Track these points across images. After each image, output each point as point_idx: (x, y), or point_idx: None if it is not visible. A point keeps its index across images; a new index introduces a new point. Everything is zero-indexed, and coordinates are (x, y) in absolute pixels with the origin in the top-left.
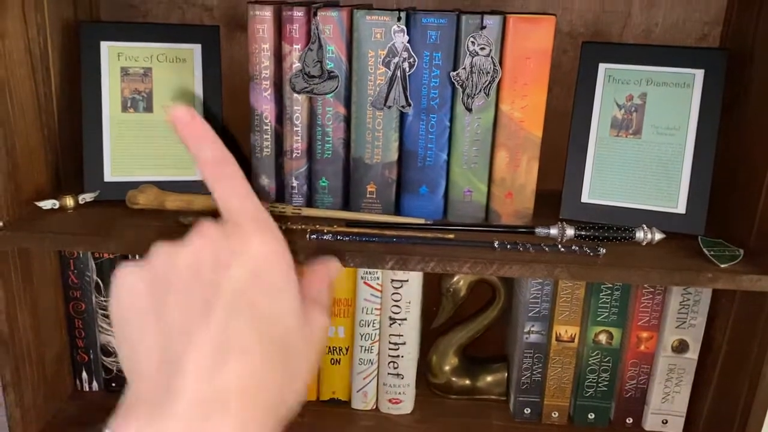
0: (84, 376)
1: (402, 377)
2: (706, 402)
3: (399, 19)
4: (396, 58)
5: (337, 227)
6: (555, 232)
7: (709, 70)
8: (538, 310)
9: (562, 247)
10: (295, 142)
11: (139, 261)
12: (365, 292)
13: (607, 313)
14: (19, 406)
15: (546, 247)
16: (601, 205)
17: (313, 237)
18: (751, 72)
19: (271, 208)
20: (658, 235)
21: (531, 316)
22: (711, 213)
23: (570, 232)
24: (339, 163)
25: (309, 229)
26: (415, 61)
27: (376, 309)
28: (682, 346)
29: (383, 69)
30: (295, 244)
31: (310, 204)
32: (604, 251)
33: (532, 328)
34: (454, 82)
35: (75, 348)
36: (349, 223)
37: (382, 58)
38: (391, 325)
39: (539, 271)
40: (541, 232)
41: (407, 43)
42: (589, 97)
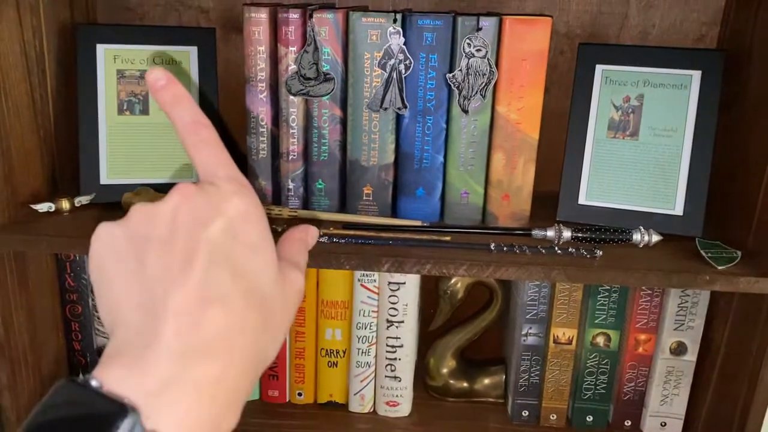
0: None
1: (399, 380)
2: (705, 404)
3: (395, 20)
4: (392, 60)
5: (333, 229)
6: (552, 234)
7: (706, 72)
8: (535, 312)
9: (558, 249)
10: (291, 145)
11: (119, 222)
12: (362, 294)
13: (604, 316)
14: (15, 410)
15: (543, 249)
16: (598, 207)
17: None
18: (749, 73)
19: (267, 210)
20: (656, 237)
21: (528, 318)
22: (709, 214)
23: (567, 234)
24: (335, 166)
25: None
26: (411, 63)
27: (373, 311)
28: (680, 349)
29: (379, 71)
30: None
31: (306, 206)
32: (600, 253)
33: (530, 331)
34: (450, 83)
35: (72, 351)
36: (345, 226)
37: (378, 60)
38: (388, 327)
39: (536, 273)
40: (537, 234)
41: (403, 45)
42: (586, 98)
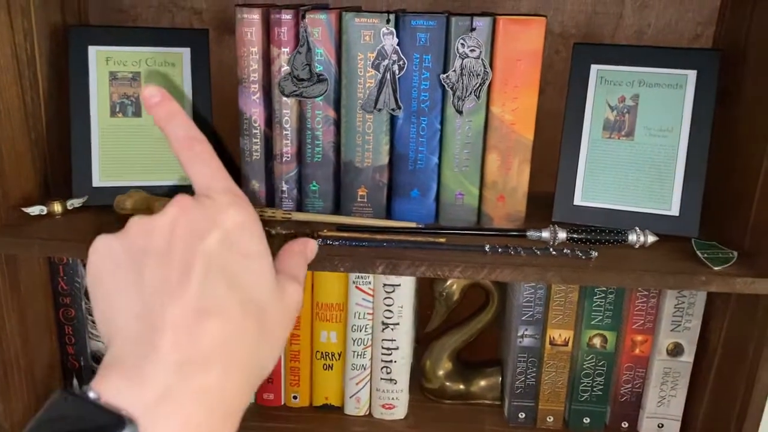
0: (75, 383)
1: (395, 382)
2: (702, 405)
3: (388, 21)
4: (385, 61)
5: (327, 232)
6: (547, 235)
7: (701, 71)
8: (531, 313)
9: (553, 250)
10: (285, 146)
11: (117, 233)
12: (357, 296)
13: (601, 317)
14: (7, 415)
15: (538, 251)
16: (593, 208)
17: None
18: (744, 72)
19: (261, 212)
20: (651, 238)
21: (524, 319)
22: (705, 215)
23: (562, 235)
24: (329, 167)
25: (299, 234)
26: (404, 63)
27: (368, 314)
28: (677, 350)
29: (373, 72)
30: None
31: (300, 208)
32: (596, 254)
33: (526, 332)
34: (444, 84)
35: (65, 355)
36: (339, 228)
37: (372, 60)
38: (383, 330)
39: (531, 275)
40: (532, 235)
41: (397, 46)
42: (581, 98)
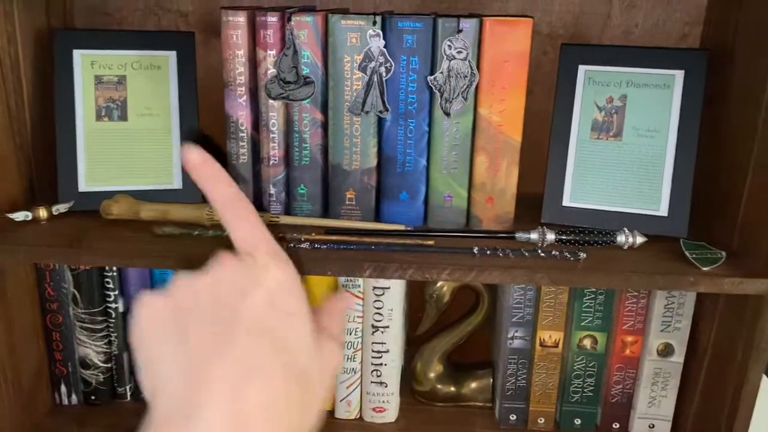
0: (63, 389)
1: (386, 385)
2: (693, 406)
3: (374, 23)
4: (372, 63)
5: (315, 235)
6: (535, 236)
7: (689, 71)
8: (521, 315)
9: (542, 252)
10: (272, 149)
11: (161, 290)
12: (347, 300)
13: (591, 318)
14: None
15: (526, 253)
16: (582, 209)
17: (289, 246)
18: (732, 72)
19: None
20: (640, 239)
21: (514, 321)
22: (693, 215)
23: (550, 236)
24: (317, 170)
25: (286, 238)
26: (391, 65)
27: (358, 317)
28: (667, 350)
29: (360, 74)
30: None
31: (288, 212)
32: (584, 256)
33: (516, 334)
34: (432, 86)
35: (53, 361)
36: (327, 231)
37: (359, 62)
38: (373, 333)
39: (519, 276)
40: (521, 237)
41: (383, 48)
42: (569, 99)
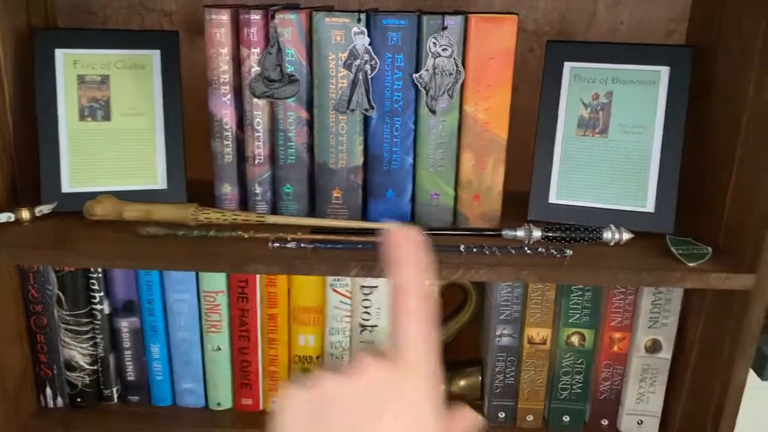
0: (48, 392)
1: None
2: (681, 401)
3: (359, 20)
4: (357, 61)
5: (301, 234)
6: (522, 234)
7: (674, 67)
8: (509, 312)
9: (528, 249)
10: (257, 148)
11: (305, 385)
12: (334, 299)
13: (578, 315)
14: None
15: (512, 250)
16: (569, 206)
17: (275, 245)
18: (716, 68)
19: (234, 216)
20: (626, 235)
21: (502, 319)
22: (680, 211)
23: (537, 233)
24: (303, 169)
25: (272, 238)
26: (376, 63)
27: (346, 316)
28: (655, 346)
29: (345, 72)
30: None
31: (275, 211)
32: (570, 253)
33: (504, 331)
34: (417, 84)
35: (38, 363)
36: (314, 230)
37: (344, 60)
38: (361, 332)
39: (506, 274)
40: (507, 234)
41: (368, 45)
42: (555, 96)
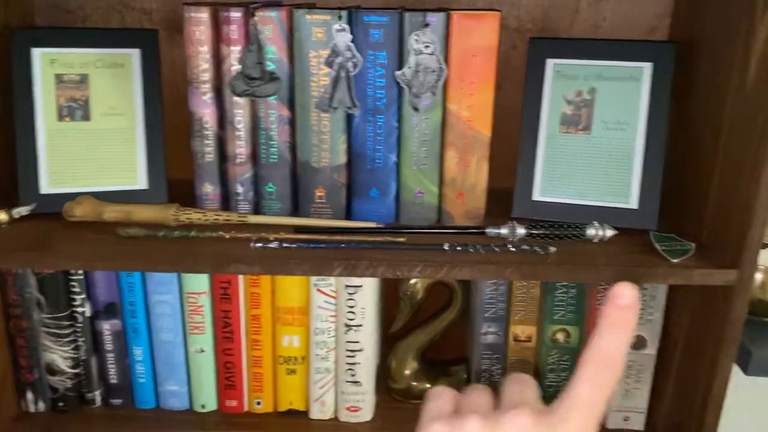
0: (29, 396)
1: (360, 384)
2: (666, 397)
3: (340, 17)
4: (339, 58)
5: (283, 234)
6: (506, 231)
7: (657, 64)
8: (494, 310)
9: (512, 247)
10: (238, 147)
11: (449, 424)
12: (318, 299)
13: (563, 312)
14: None
15: (496, 248)
16: (553, 203)
17: (257, 245)
18: (699, 64)
19: (215, 216)
20: (610, 232)
21: (487, 316)
22: (663, 207)
23: (521, 231)
24: (286, 168)
25: (254, 238)
26: (358, 60)
27: (330, 316)
28: (640, 342)
29: (327, 69)
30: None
31: (257, 211)
32: (554, 250)
33: (489, 329)
34: (400, 81)
35: (18, 368)
36: (297, 230)
37: (325, 58)
38: (347, 332)
39: (489, 272)
40: (491, 232)
41: (350, 43)
42: (538, 93)
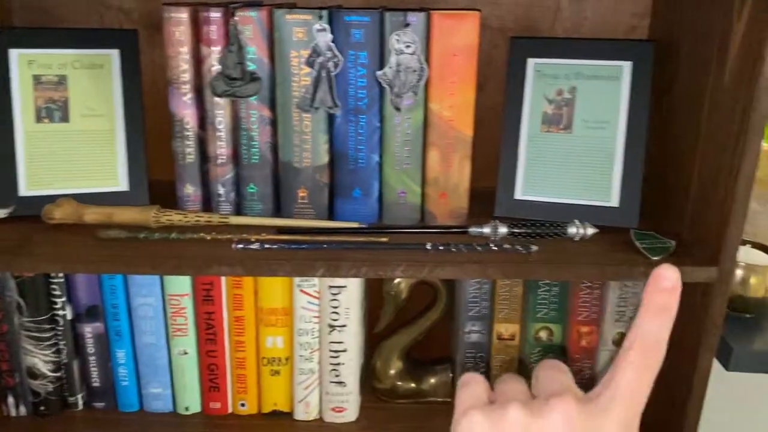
0: (10, 400)
1: (344, 385)
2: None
3: (320, 17)
4: (320, 58)
5: (265, 235)
6: (488, 230)
7: (637, 63)
8: (477, 309)
9: (494, 245)
10: (219, 148)
11: (490, 413)
12: (302, 300)
13: (546, 310)
14: None
15: (478, 247)
16: (534, 202)
17: (239, 247)
18: (678, 64)
19: (196, 218)
20: (591, 230)
21: (471, 315)
22: (644, 205)
23: (503, 230)
24: (267, 168)
25: (236, 239)
26: (339, 60)
27: (314, 317)
28: (621, 339)
29: (308, 69)
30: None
31: (239, 212)
32: (536, 248)
33: (473, 328)
34: (381, 81)
35: None
36: (279, 231)
37: (306, 58)
38: (330, 332)
39: (472, 271)
40: (474, 231)
41: (331, 42)
42: (519, 92)
